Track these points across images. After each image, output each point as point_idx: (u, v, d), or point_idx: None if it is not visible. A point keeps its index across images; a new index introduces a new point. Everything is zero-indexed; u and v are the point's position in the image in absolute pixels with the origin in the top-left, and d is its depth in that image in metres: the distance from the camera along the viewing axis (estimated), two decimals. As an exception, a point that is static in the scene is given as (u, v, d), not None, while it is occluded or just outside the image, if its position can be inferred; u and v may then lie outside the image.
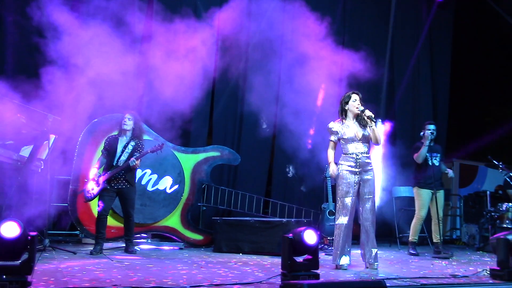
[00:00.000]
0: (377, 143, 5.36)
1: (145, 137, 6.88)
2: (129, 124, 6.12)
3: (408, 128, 9.36)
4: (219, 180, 7.96)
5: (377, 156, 7.73)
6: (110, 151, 6.09)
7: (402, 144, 8.84)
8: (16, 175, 5.73)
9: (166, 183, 7.07)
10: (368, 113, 5.23)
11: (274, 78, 8.16)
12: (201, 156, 7.43)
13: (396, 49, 9.51)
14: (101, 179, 5.96)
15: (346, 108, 5.37)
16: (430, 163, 6.87)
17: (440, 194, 6.94)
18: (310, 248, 3.96)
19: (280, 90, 8.23)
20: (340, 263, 5.13)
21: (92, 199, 6.07)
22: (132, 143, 6.11)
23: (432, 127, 6.94)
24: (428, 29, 9.76)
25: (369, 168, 5.28)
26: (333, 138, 5.37)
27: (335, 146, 5.43)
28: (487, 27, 9.06)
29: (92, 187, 6.00)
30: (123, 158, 6.01)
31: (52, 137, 5.94)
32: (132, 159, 5.92)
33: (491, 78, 9.65)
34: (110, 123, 6.70)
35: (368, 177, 5.26)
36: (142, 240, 7.16)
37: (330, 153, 5.40)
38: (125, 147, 6.07)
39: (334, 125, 5.38)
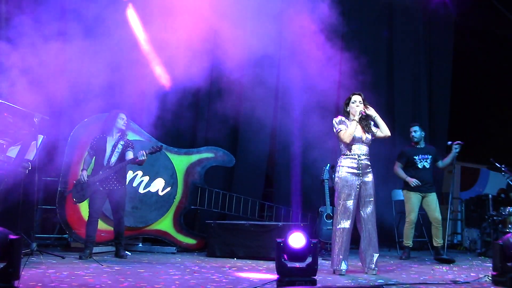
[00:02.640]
0: (386, 133, 5.22)
1: (137, 137, 6.76)
2: (125, 124, 6.02)
3: (408, 130, 9.19)
4: (215, 183, 7.74)
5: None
6: (98, 151, 5.94)
7: (401, 146, 8.72)
8: (3, 176, 5.56)
9: (158, 185, 6.90)
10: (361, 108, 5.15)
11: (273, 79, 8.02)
12: (195, 157, 7.28)
13: (395, 50, 9.39)
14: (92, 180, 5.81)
15: (348, 109, 5.27)
16: (421, 166, 6.90)
17: (432, 196, 6.88)
18: (301, 252, 3.84)
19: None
20: (340, 268, 5.00)
21: (82, 200, 5.93)
22: (122, 142, 5.99)
23: (415, 128, 7.05)
24: (429, 30, 9.67)
25: (369, 170, 5.17)
26: (343, 127, 5.14)
27: None
28: (490, 27, 8.93)
29: (82, 188, 5.85)
30: (114, 158, 5.86)
31: (40, 137, 5.77)
32: (142, 152, 5.75)
33: (493, 78, 9.53)
34: (100, 123, 6.50)
35: (368, 179, 5.14)
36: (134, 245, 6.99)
37: (350, 128, 5.09)
38: (114, 146, 5.93)
39: (344, 119, 5.22)
